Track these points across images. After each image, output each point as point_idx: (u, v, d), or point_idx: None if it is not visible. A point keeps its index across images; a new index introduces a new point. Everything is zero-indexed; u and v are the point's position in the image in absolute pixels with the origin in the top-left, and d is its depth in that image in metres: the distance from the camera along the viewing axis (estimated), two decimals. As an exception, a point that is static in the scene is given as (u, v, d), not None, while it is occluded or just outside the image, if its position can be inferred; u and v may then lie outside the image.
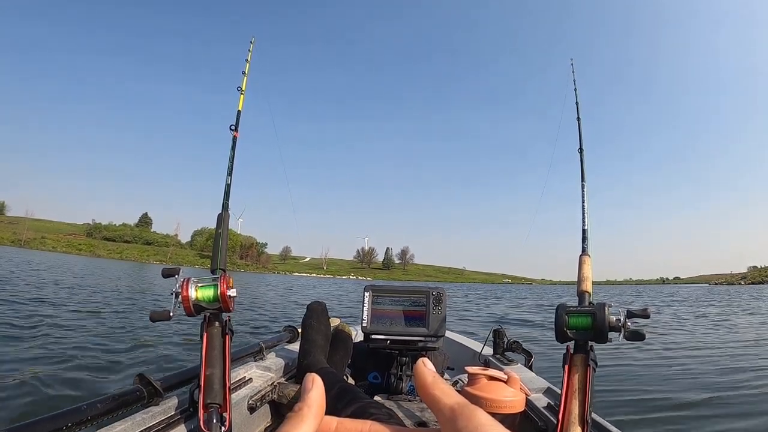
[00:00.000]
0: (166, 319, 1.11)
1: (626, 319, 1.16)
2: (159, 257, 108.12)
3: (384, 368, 1.83)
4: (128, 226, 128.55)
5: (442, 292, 1.70)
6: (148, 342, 4.74)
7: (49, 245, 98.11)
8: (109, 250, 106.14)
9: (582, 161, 1.63)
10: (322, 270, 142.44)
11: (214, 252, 1.30)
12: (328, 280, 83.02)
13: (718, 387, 3.73)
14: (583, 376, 1.16)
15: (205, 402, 1.09)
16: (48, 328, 4.91)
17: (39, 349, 3.84)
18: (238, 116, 1.60)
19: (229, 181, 1.45)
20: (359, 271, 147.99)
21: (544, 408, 1.41)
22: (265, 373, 1.63)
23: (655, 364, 4.77)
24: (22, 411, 2.47)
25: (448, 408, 0.24)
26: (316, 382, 0.27)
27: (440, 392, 0.26)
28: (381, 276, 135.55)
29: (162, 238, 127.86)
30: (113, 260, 76.28)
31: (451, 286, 50.18)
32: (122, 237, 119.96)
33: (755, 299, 22.93)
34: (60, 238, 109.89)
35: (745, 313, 13.16)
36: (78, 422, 0.91)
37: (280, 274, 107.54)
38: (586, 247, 1.45)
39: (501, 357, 1.96)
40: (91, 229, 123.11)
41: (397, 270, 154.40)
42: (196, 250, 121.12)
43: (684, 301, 21.82)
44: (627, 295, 30.48)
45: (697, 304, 18.07)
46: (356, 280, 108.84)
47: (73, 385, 2.95)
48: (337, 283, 54.77)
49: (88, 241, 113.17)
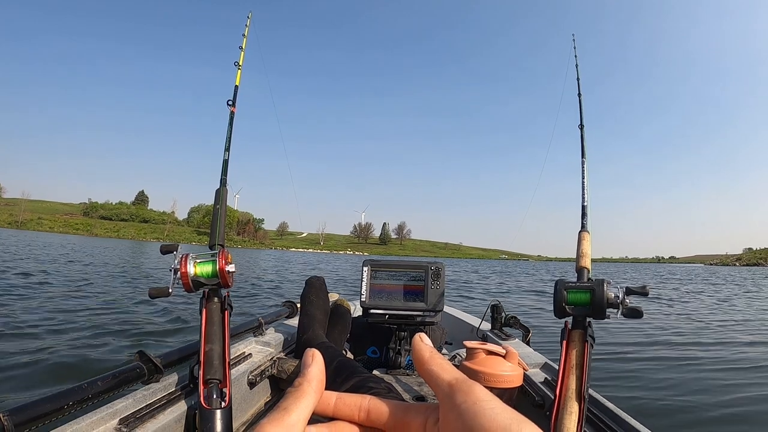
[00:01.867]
0: (165, 295, 1.11)
1: (625, 296, 1.16)
2: (156, 234, 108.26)
3: (382, 343, 1.84)
4: (125, 205, 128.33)
5: (440, 267, 1.70)
6: (147, 319, 4.75)
7: (46, 226, 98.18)
8: (106, 229, 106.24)
9: (582, 137, 1.60)
10: (319, 245, 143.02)
11: (213, 228, 1.29)
12: (325, 255, 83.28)
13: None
14: (581, 351, 1.15)
15: (205, 378, 1.09)
16: (44, 309, 4.90)
17: (36, 329, 3.85)
18: (236, 91, 1.57)
19: (226, 156, 1.43)
20: (356, 246, 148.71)
21: (542, 383, 1.42)
22: (265, 349, 1.64)
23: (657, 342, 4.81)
24: (23, 390, 2.49)
25: (446, 383, 0.24)
26: (316, 357, 0.27)
27: (438, 367, 0.25)
28: (378, 251, 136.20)
29: (159, 216, 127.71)
30: (110, 239, 76.17)
31: (448, 261, 50.26)
32: (119, 215, 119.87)
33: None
34: (57, 219, 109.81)
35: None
36: (79, 400, 0.91)
37: (277, 249, 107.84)
38: (586, 224, 1.43)
39: (499, 332, 1.97)
40: (87, 209, 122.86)
41: (394, 245, 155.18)
42: (193, 227, 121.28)
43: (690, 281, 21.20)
44: (632, 273, 30.12)
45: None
46: (353, 255, 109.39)
47: (72, 365, 2.97)
48: (334, 258, 54.92)
49: (85, 221, 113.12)
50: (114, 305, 5.52)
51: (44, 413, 0.84)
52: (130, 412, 1.00)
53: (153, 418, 1.03)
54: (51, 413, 0.85)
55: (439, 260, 1.77)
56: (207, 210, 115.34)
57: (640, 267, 58.81)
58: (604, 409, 1.19)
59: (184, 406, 1.11)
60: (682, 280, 22.86)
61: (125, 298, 6.16)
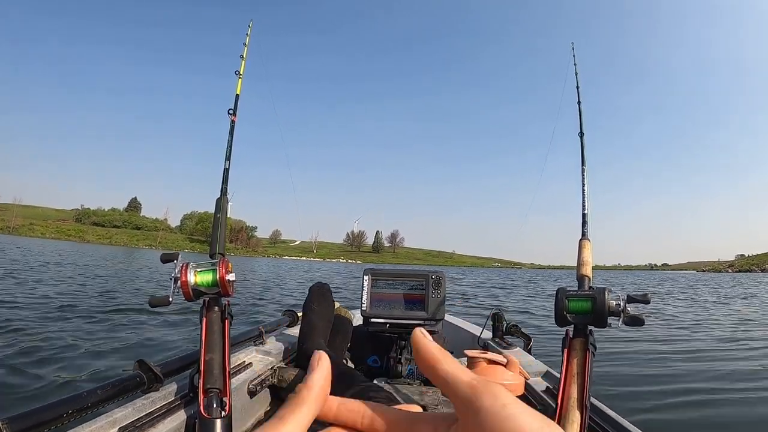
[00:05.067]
0: (165, 304, 1.11)
1: (626, 304, 1.16)
2: (149, 242, 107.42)
3: (383, 352, 1.83)
4: (117, 211, 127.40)
5: (441, 276, 1.69)
6: (147, 327, 4.70)
7: (38, 232, 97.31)
8: (99, 236, 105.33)
9: (582, 145, 1.61)
10: (312, 253, 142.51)
11: (213, 236, 1.29)
12: (319, 263, 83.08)
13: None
14: (582, 360, 1.15)
15: (205, 387, 1.09)
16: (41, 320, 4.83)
17: (35, 339, 3.78)
18: (236, 100, 1.57)
19: (227, 165, 1.43)
20: (349, 254, 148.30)
21: (543, 392, 1.42)
22: (265, 358, 1.63)
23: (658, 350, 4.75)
24: (22, 399, 2.45)
25: (466, 384, 0.22)
26: (321, 362, 0.25)
27: (454, 368, 0.23)
28: (371, 259, 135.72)
29: (151, 223, 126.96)
30: (102, 245, 75.52)
31: (443, 270, 49.82)
32: (111, 222, 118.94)
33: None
34: (49, 225, 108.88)
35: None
36: (78, 409, 0.91)
37: (270, 257, 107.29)
38: (586, 232, 1.44)
39: (500, 341, 1.97)
40: (80, 215, 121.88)
41: (387, 253, 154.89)
42: (186, 234, 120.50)
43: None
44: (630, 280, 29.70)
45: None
46: (346, 263, 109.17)
47: (72, 372, 2.93)
48: (328, 266, 54.70)
49: (77, 227, 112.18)
50: (114, 313, 5.45)
51: (43, 421, 0.84)
52: (130, 421, 0.99)
53: (152, 427, 1.02)
54: (50, 422, 0.85)
55: (439, 269, 1.77)
56: (200, 217, 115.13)
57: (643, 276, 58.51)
58: (607, 418, 1.19)
59: (183, 415, 1.11)
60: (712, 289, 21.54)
61: (124, 307, 6.08)
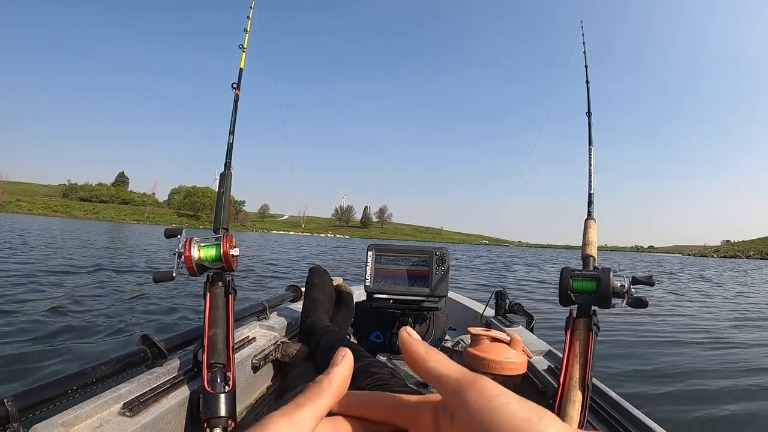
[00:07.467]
0: (169, 279, 1.09)
1: (630, 285, 1.15)
2: (136, 216, 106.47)
3: (386, 328, 1.83)
4: (104, 186, 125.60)
5: (445, 252, 1.68)
6: (150, 303, 4.66)
7: (24, 208, 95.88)
8: (86, 211, 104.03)
9: (590, 125, 1.59)
10: (300, 228, 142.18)
11: (217, 211, 1.27)
12: (307, 237, 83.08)
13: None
14: (585, 340, 1.15)
15: (209, 362, 1.08)
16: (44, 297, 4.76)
17: (38, 316, 3.73)
18: (240, 74, 1.54)
19: (231, 140, 1.40)
20: (337, 229, 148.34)
21: (545, 371, 1.42)
22: (269, 332, 1.63)
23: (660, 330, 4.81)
24: (26, 376, 2.44)
25: (453, 380, 0.22)
26: (346, 359, 0.25)
27: (439, 364, 0.24)
28: (359, 234, 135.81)
29: (139, 197, 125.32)
30: (90, 221, 74.59)
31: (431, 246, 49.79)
32: (98, 197, 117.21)
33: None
34: (35, 201, 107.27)
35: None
36: (83, 385, 0.91)
37: (258, 232, 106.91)
38: (592, 211, 1.43)
39: (503, 319, 1.97)
40: (66, 190, 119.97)
41: (375, 228, 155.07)
42: (174, 209, 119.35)
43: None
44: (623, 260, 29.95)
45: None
46: (334, 238, 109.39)
47: (77, 350, 2.91)
48: (316, 240, 54.64)
49: (64, 202, 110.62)
50: (116, 290, 5.40)
51: (48, 398, 0.84)
52: (134, 396, 0.99)
53: (157, 402, 1.02)
54: (55, 398, 0.85)
55: (442, 245, 1.75)
56: (188, 191, 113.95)
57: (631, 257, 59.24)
58: (608, 399, 1.19)
59: (187, 390, 1.10)
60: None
61: (126, 282, 6.03)
